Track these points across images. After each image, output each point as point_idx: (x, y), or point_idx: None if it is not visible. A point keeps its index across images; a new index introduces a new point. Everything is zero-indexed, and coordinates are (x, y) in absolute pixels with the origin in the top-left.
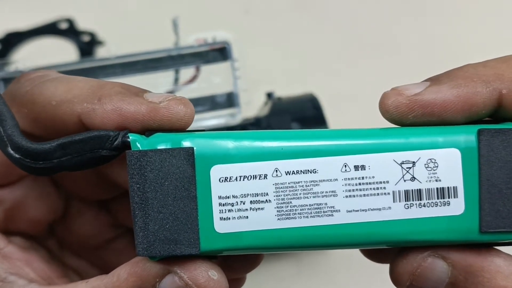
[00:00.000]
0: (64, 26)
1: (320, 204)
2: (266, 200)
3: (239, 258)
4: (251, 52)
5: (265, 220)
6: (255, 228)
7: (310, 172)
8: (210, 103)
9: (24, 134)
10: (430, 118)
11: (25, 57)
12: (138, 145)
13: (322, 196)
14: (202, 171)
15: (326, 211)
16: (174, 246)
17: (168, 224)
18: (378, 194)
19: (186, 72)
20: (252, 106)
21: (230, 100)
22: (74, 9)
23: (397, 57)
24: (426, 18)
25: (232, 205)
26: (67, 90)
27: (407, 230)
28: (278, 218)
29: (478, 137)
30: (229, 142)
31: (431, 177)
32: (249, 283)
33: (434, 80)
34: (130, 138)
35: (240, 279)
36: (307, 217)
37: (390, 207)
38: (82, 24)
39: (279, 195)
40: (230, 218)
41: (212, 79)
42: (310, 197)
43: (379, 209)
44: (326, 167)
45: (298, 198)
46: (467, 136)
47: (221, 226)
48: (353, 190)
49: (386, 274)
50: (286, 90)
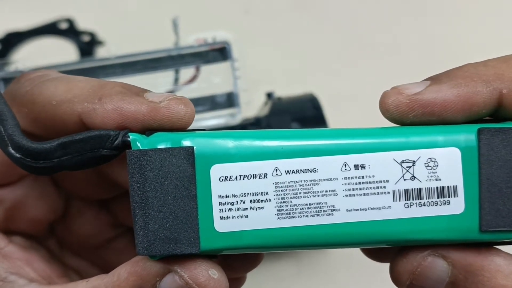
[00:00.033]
0: (64, 26)
1: (320, 203)
2: (266, 199)
3: (239, 257)
4: (251, 52)
5: (265, 219)
6: (255, 227)
7: (310, 171)
8: (210, 103)
9: (24, 134)
10: (430, 117)
11: (25, 57)
12: (138, 144)
13: (322, 195)
14: (202, 170)
15: (326, 210)
16: (174, 245)
17: (168, 223)
18: (378, 193)
19: (186, 72)
20: (252, 106)
21: (230, 100)
22: (74, 9)
23: (397, 57)
24: (426, 18)
25: (232, 204)
26: (68, 89)
27: (407, 229)
28: (278, 217)
29: (478, 136)
30: (229, 142)
31: (431, 176)
32: (249, 283)
33: (434, 79)
34: (130, 137)
35: (240, 279)
36: (307, 216)
37: (390, 206)
38: (82, 24)
39: (279, 194)
40: (230, 217)
41: (212, 79)
42: (310, 196)
43: (379, 208)
44: (326, 166)
45: (298, 197)
46: (467, 135)
47: (221, 225)
48: (353, 189)
49: (386, 273)
50: (286, 90)
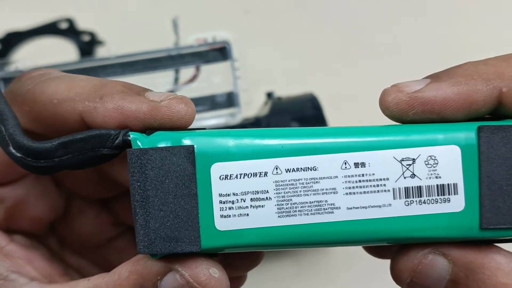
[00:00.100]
0: (64, 26)
1: (320, 201)
2: (267, 197)
3: (240, 256)
4: (251, 52)
5: (265, 217)
6: (256, 225)
7: (310, 169)
8: (210, 103)
9: (25, 132)
10: (430, 115)
11: (25, 57)
12: (139, 143)
13: (322, 193)
14: (202, 169)
15: (326, 208)
16: (175, 244)
17: (169, 222)
18: (378, 191)
19: (186, 72)
20: (252, 106)
21: (230, 100)
22: (74, 9)
23: (397, 57)
24: (426, 18)
25: (232, 202)
26: (69, 88)
27: (408, 227)
28: (279, 216)
29: (478, 134)
30: (229, 140)
31: (431, 174)
32: (249, 283)
33: (434, 77)
34: (131, 136)
35: (240, 278)
36: (308, 214)
37: (390, 204)
38: (82, 24)
39: (279, 193)
40: (230, 215)
41: (212, 79)
42: (310, 194)
43: (379, 206)
44: (326, 165)
45: (298, 196)
46: (467, 133)
47: (221, 224)
48: (353, 187)
49: (386, 273)
50: (286, 90)
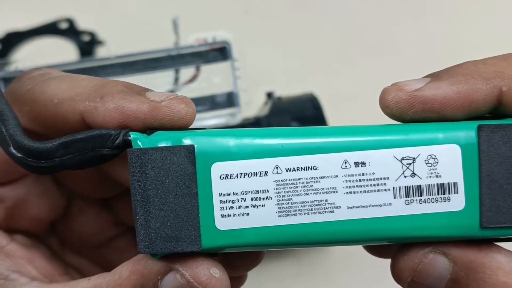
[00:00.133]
0: (64, 26)
1: (320, 200)
2: (267, 197)
3: (240, 256)
4: (251, 52)
5: (266, 217)
6: (256, 225)
7: (311, 168)
8: (210, 103)
9: (25, 132)
10: (430, 114)
11: (25, 57)
12: (139, 143)
13: (323, 192)
14: (203, 169)
15: (326, 208)
16: (175, 244)
17: (169, 221)
18: (378, 190)
19: (186, 72)
20: (252, 106)
21: (230, 100)
22: (74, 9)
23: (397, 57)
24: (426, 18)
25: (233, 202)
26: (69, 88)
27: (408, 226)
28: (279, 215)
29: (478, 132)
30: (229, 140)
31: (431, 173)
32: (249, 283)
33: (434, 76)
34: (131, 136)
35: (241, 277)
36: (308, 213)
37: (390, 203)
38: (82, 24)
39: (280, 192)
40: (231, 215)
41: (212, 79)
42: (311, 193)
43: (380, 205)
44: (327, 164)
45: (298, 195)
46: (467, 132)
47: (222, 223)
48: (353, 186)
49: (386, 273)
50: (286, 90)
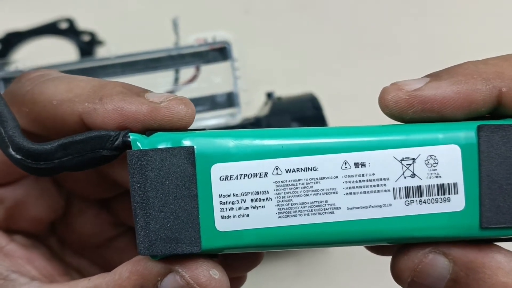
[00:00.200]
0: (64, 26)
1: (320, 201)
2: (267, 198)
3: (240, 257)
4: (251, 52)
5: (266, 218)
6: (256, 226)
7: (310, 169)
8: (210, 103)
9: (24, 134)
10: (429, 114)
11: (25, 57)
12: (139, 144)
13: (323, 193)
14: (202, 170)
15: (326, 209)
16: (175, 245)
17: (169, 223)
18: (378, 191)
19: (186, 72)
20: (252, 106)
21: (230, 100)
22: (74, 9)
23: (397, 57)
24: (426, 18)
25: (232, 203)
26: (68, 89)
27: (408, 227)
28: (279, 216)
29: (478, 133)
30: (229, 141)
31: (431, 173)
32: (249, 283)
33: (434, 76)
34: (130, 137)
35: (241, 278)
36: (308, 214)
37: (390, 204)
38: (82, 24)
39: (280, 193)
40: (231, 216)
41: (212, 79)
42: (311, 194)
43: (380, 206)
44: (326, 165)
45: (298, 196)
46: (467, 132)
47: (222, 225)
48: (353, 187)
49: (386, 273)
50: (286, 90)
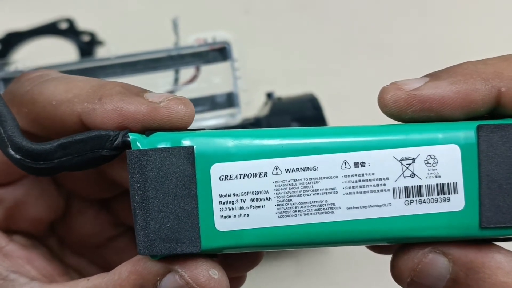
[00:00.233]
0: (64, 26)
1: (320, 201)
2: (267, 197)
3: (240, 256)
4: (251, 52)
5: (265, 217)
6: (256, 226)
7: (310, 169)
8: (210, 103)
9: (24, 134)
10: (428, 113)
11: (25, 57)
12: (138, 144)
13: (322, 193)
14: (202, 170)
15: (326, 208)
16: (175, 245)
17: (169, 222)
18: (378, 190)
19: (186, 72)
20: (252, 106)
21: (230, 100)
22: (74, 9)
23: (397, 57)
24: (426, 18)
25: (232, 203)
26: (67, 89)
27: (408, 227)
28: (279, 216)
29: (478, 132)
30: (229, 141)
31: (431, 173)
32: (249, 283)
33: (433, 75)
34: (130, 137)
35: (240, 278)
36: (308, 214)
37: (390, 204)
38: (82, 24)
39: (279, 193)
40: (230, 216)
41: (212, 79)
42: (310, 194)
43: (379, 205)
44: (326, 165)
45: (298, 196)
46: (467, 132)
47: (221, 224)
48: (353, 187)
49: (386, 273)
50: (286, 90)
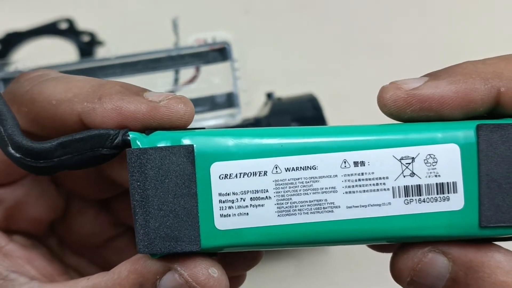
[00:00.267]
0: (64, 26)
1: (320, 200)
2: (266, 196)
3: (239, 255)
4: (251, 52)
5: (265, 216)
6: (256, 224)
7: (310, 168)
8: (210, 104)
9: (24, 134)
10: (428, 113)
11: (25, 57)
12: (138, 143)
13: (322, 192)
14: (202, 168)
15: (326, 207)
16: (175, 243)
17: (168, 221)
18: (378, 190)
19: (186, 72)
20: (252, 106)
21: (230, 100)
22: (74, 9)
23: (397, 57)
24: (426, 18)
25: (232, 202)
26: (67, 89)
27: (407, 226)
28: (278, 215)
29: (477, 132)
30: (229, 140)
31: (431, 172)
32: (249, 283)
33: (432, 75)
34: (130, 136)
35: (240, 277)
36: (307, 213)
37: (390, 203)
38: (82, 24)
39: (279, 192)
40: (230, 215)
41: (212, 80)
42: (310, 193)
43: (379, 205)
44: (326, 164)
45: (298, 195)
46: (466, 131)
47: (221, 223)
48: (352, 186)
49: (386, 273)
50: (286, 90)
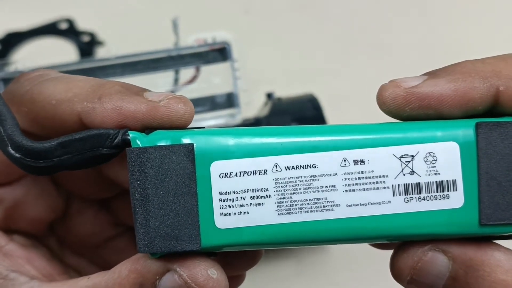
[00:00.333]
0: (64, 26)
1: (320, 198)
2: (266, 195)
3: (239, 255)
4: (251, 52)
5: (265, 215)
6: (256, 223)
7: (310, 167)
8: (210, 104)
9: (24, 134)
10: (427, 111)
11: (25, 57)
12: (138, 142)
13: (322, 190)
14: (202, 167)
15: (326, 206)
16: (175, 243)
17: (169, 220)
18: (377, 188)
19: (186, 72)
20: (252, 106)
21: (230, 100)
22: (74, 9)
23: (397, 57)
24: (426, 18)
25: (232, 200)
26: (67, 89)
27: (407, 224)
28: (279, 213)
29: (476, 130)
30: (229, 139)
31: (430, 170)
32: (249, 283)
33: (432, 74)
34: (130, 135)
35: (239, 276)
36: (307, 212)
37: (390, 201)
38: (82, 24)
39: (279, 190)
40: (230, 213)
41: (212, 80)
42: (310, 192)
43: (379, 203)
44: (326, 162)
45: (298, 193)
46: (466, 129)
47: (221, 222)
48: (352, 184)
49: (386, 272)
50: (286, 90)
